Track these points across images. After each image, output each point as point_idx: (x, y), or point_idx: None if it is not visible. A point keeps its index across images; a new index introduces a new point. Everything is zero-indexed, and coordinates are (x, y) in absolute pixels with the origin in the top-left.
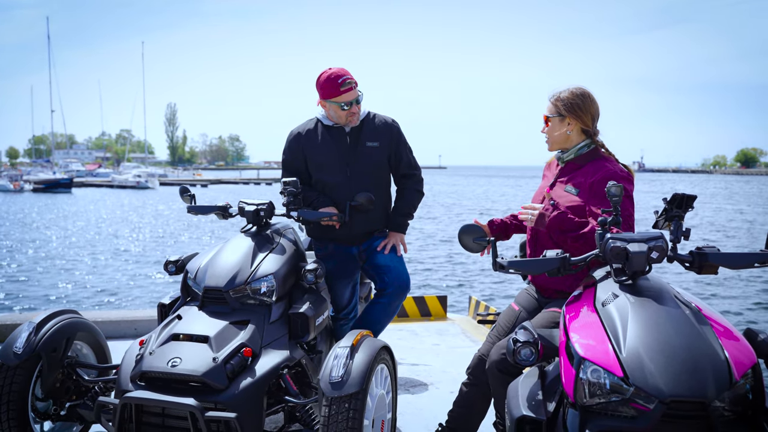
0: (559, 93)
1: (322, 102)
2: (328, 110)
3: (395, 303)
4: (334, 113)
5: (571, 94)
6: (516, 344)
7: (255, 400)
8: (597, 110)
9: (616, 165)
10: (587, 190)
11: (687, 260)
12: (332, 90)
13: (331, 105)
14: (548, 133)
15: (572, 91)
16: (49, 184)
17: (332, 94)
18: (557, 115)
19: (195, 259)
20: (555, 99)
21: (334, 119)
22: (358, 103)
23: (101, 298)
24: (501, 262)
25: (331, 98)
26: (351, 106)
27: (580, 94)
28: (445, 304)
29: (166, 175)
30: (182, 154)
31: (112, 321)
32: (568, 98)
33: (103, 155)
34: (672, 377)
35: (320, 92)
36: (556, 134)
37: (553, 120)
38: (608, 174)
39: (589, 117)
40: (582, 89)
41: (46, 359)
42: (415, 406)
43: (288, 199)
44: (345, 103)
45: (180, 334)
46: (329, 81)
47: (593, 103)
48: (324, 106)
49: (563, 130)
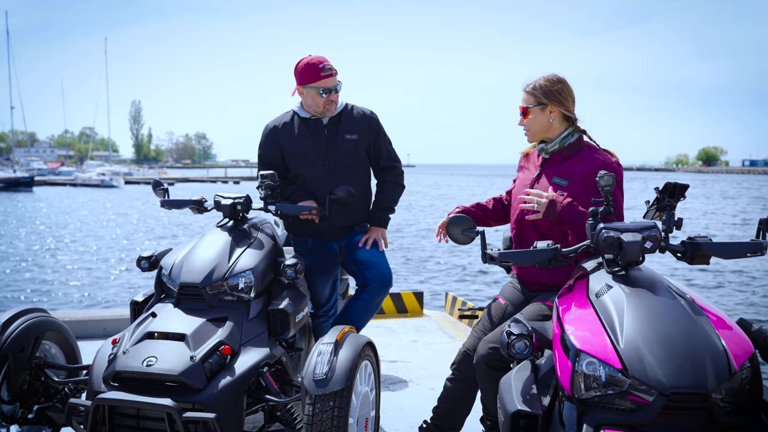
0: (534, 81)
1: (300, 89)
2: (306, 97)
3: (377, 299)
4: (312, 100)
5: (548, 81)
6: (510, 337)
7: (235, 400)
8: (574, 96)
9: (605, 155)
10: (579, 182)
11: (679, 250)
12: (312, 75)
13: (309, 91)
14: (528, 124)
15: (548, 78)
16: (9, 183)
17: (312, 79)
18: (537, 104)
19: (169, 254)
20: (532, 88)
21: (312, 108)
22: (337, 92)
23: (69, 297)
24: (491, 253)
25: (310, 83)
26: (330, 94)
27: (557, 80)
28: (422, 301)
29: (131, 173)
30: (148, 153)
31: (80, 321)
32: (546, 85)
33: (66, 153)
34: (672, 369)
35: (298, 78)
36: (538, 124)
37: (533, 110)
38: (599, 164)
39: (570, 102)
40: (557, 75)
41: (13, 360)
42: (395, 403)
43: (266, 193)
44: (323, 90)
45: (155, 333)
46: (309, 66)
47: (568, 86)
48: (302, 93)
49: (545, 119)
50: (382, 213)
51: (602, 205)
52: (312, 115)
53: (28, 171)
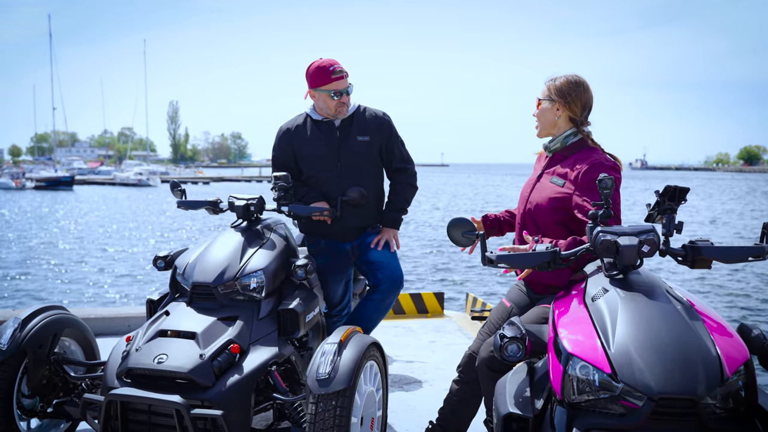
0: (555, 78)
1: (312, 92)
2: (317, 100)
3: (388, 299)
4: (324, 103)
5: (566, 80)
6: (503, 340)
7: (242, 398)
8: (589, 101)
9: (602, 154)
10: (573, 180)
11: (680, 254)
12: (322, 78)
13: (320, 94)
14: (538, 116)
15: (567, 77)
16: (50, 182)
17: (322, 82)
18: (548, 99)
19: (184, 254)
20: (550, 83)
21: (324, 111)
22: (348, 94)
23: (96, 294)
24: (490, 256)
25: (321, 86)
26: (341, 96)
27: (574, 81)
28: (442, 301)
29: (167, 172)
30: (184, 152)
31: (105, 318)
32: (562, 84)
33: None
34: (661, 374)
35: (310, 81)
36: (545, 118)
37: (543, 103)
38: (595, 163)
39: (579, 106)
40: (578, 77)
41: (32, 355)
42: (408, 403)
43: (279, 194)
44: (335, 92)
45: (168, 331)
46: (319, 69)
47: (586, 92)
48: (313, 96)
49: (552, 115)
50: (395, 214)
51: (602, 208)
52: (324, 117)
53: (69, 170)
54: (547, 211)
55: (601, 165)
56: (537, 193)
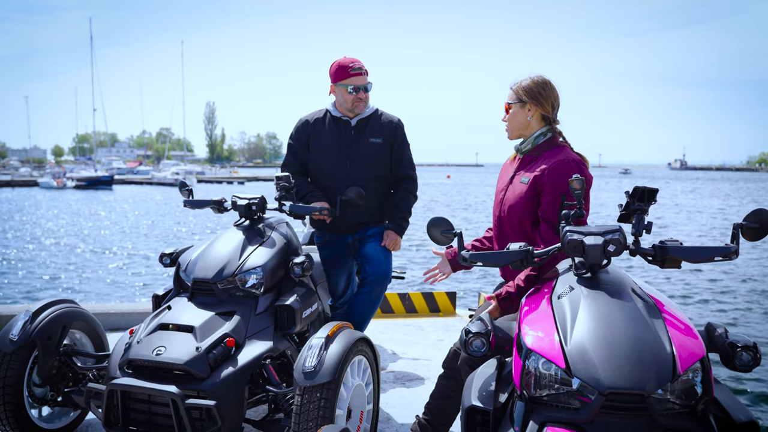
0: (520, 81)
1: (333, 87)
2: (337, 95)
3: (375, 291)
4: (342, 97)
5: (532, 81)
6: (468, 335)
7: (236, 389)
8: (557, 98)
9: (569, 153)
10: (538, 178)
11: (649, 254)
12: (342, 73)
13: (339, 89)
14: (509, 120)
15: (533, 78)
16: (90, 181)
17: (342, 77)
18: (518, 101)
19: (188, 251)
20: (516, 86)
21: (342, 106)
22: (366, 91)
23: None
24: (464, 254)
25: (340, 81)
26: (359, 92)
27: (540, 81)
28: (455, 300)
29: (203, 172)
30: (221, 152)
31: (123, 313)
32: (529, 85)
33: (144, 153)
34: (612, 369)
35: (332, 76)
36: (516, 121)
37: (514, 106)
38: (559, 162)
39: (549, 104)
40: (542, 77)
41: (42, 346)
42: (407, 399)
43: (280, 194)
44: (353, 87)
45: (169, 324)
46: (340, 66)
47: (553, 90)
48: (334, 91)
49: (524, 117)
50: (401, 222)
51: (574, 208)
52: (343, 114)
53: (108, 170)
54: (520, 211)
55: (566, 163)
56: (510, 195)
